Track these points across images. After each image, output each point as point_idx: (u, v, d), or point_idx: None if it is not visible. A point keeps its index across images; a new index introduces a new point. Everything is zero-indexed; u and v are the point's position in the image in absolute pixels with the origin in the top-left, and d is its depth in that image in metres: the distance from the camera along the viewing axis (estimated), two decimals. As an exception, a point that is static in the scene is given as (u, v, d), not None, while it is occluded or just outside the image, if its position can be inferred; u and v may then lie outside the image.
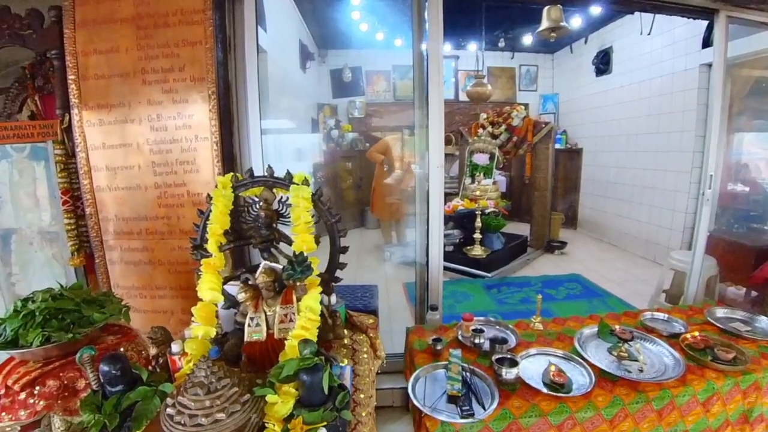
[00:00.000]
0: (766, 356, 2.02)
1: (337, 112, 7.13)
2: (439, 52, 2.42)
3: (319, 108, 6.95)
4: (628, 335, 1.97)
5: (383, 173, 5.22)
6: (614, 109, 5.89)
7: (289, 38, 5.31)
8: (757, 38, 3.73)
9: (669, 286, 3.49)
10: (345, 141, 6.72)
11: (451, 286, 4.13)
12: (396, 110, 7.22)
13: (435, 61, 2.42)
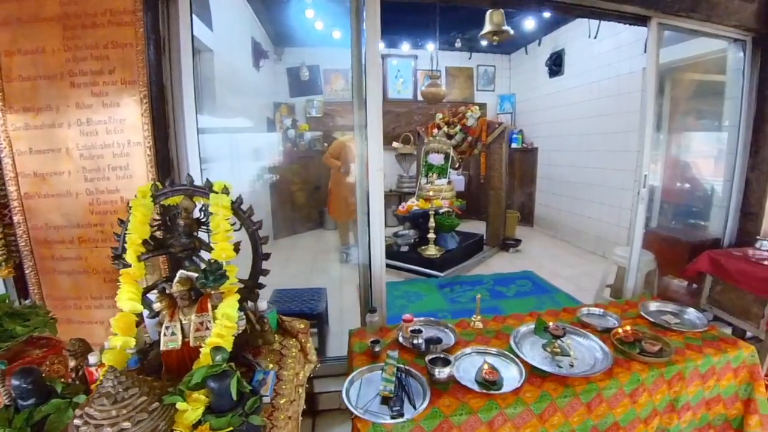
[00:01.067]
0: (690, 347, 2.11)
1: (294, 112, 7.04)
2: (376, 50, 2.41)
3: (276, 107, 6.85)
4: (560, 331, 2.02)
5: (339, 174, 5.19)
6: (566, 110, 6.08)
7: (240, 36, 5.21)
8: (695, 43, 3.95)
9: (613, 281, 3.62)
10: (303, 141, 6.64)
11: (405, 286, 4.15)
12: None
13: (373, 59, 2.41)
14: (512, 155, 7.05)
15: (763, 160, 3.24)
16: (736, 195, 3.41)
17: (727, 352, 2.09)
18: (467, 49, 7.37)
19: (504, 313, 3.52)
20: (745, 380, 2.17)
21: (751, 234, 3.27)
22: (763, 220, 3.26)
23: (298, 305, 3.00)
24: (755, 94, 3.30)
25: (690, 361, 1.99)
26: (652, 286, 3.43)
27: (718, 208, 3.56)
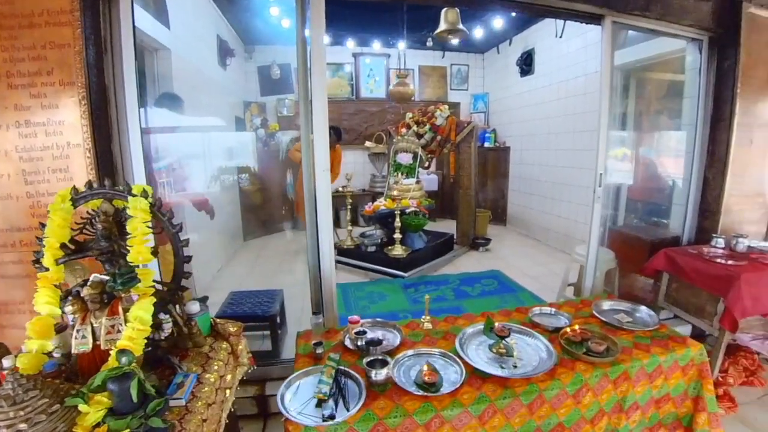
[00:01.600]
0: (639, 346, 2.10)
1: (265, 111, 6.94)
2: (321, 40, 2.34)
3: (246, 106, 6.74)
4: (505, 332, 1.99)
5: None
6: (537, 109, 6.12)
7: (203, 34, 5.10)
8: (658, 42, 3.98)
9: (576, 280, 3.63)
10: (273, 140, 6.54)
11: (369, 286, 4.11)
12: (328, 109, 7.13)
13: (318, 54, 2.34)
14: (485, 154, 7.07)
15: (719, 159, 3.28)
16: (694, 193, 3.45)
17: (674, 350, 2.09)
18: (440, 48, 7.36)
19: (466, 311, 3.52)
20: (694, 378, 2.17)
21: (709, 232, 3.31)
22: (720, 218, 3.30)
23: (251, 307, 2.93)
24: (712, 93, 3.34)
25: (636, 360, 1.98)
26: (613, 284, 3.45)
27: (678, 207, 3.59)
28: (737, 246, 2.90)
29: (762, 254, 2.85)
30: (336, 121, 7.13)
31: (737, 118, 3.15)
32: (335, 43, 6.80)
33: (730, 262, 2.62)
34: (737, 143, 3.20)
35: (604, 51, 2.88)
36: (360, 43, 6.87)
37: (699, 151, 3.41)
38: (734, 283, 2.45)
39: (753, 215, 3.52)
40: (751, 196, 3.45)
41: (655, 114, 4.65)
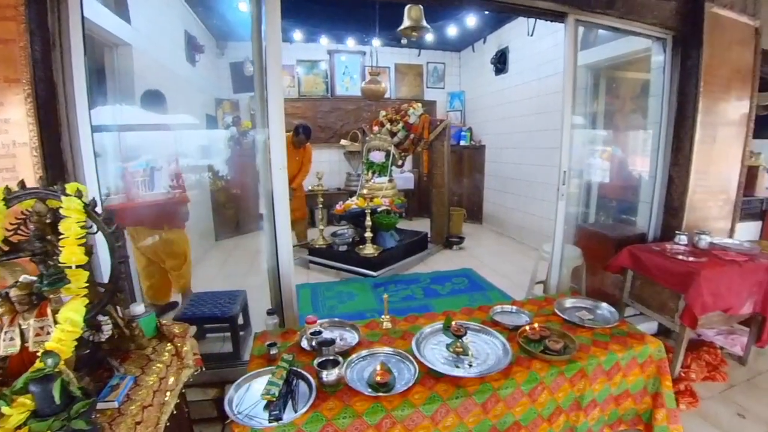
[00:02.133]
0: (597, 343, 2.11)
1: (238, 108, 6.83)
2: (277, 36, 2.30)
3: (218, 104, 6.62)
4: (461, 331, 1.97)
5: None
6: (512, 107, 6.15)
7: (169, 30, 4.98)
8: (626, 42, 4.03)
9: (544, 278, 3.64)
10: (246, 138, 6.43)
11: (339, 286, 4.06)
12: (301, 106, 7.06)
13: (273, 46, 2.29)
14: (461, 153, 7.09)
15: (684, 157, 3.33)
16: (659, 190, 3.50)
17: (633, 347, 2.10)
18: (416, 46, 7.36)
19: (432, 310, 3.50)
20: (653, 375, 2.19)
21: (674, 229, 3.35)
22: (685, 215, 3.36)
23: (210, 309, 2.86)
24: (676, 92, 3.39)
25: (593, 357, 1.98)
26: (581, 281, 3.47)
27: (645, 204, 3.64)
28: (699, 243, 2.94)
29: (723, 250, 2.89)
30: (311, 120, 7.07)
31: (700, 117, 3.20)
32: (309, 39, 6.73)
33: (690, 259, 2.66)
34: (701, 141, 3.26)
35: (567, 49, 2.89)
36: (334, 40, 6.81)
37: (664, 149, 3.46)
38: (694, 279, 2.49)
39: (717, 212, 3.59)
40: (715, 193, 3.51)
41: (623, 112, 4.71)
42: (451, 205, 6.87)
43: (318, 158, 7.25)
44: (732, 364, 3.00)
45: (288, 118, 6.82)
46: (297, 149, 5.02)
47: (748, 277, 2.69)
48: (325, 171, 7.27)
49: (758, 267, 2.72)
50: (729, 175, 3.57)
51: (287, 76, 7.00)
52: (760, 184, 5.25)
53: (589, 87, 4.87)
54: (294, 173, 5.03)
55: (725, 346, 3.19)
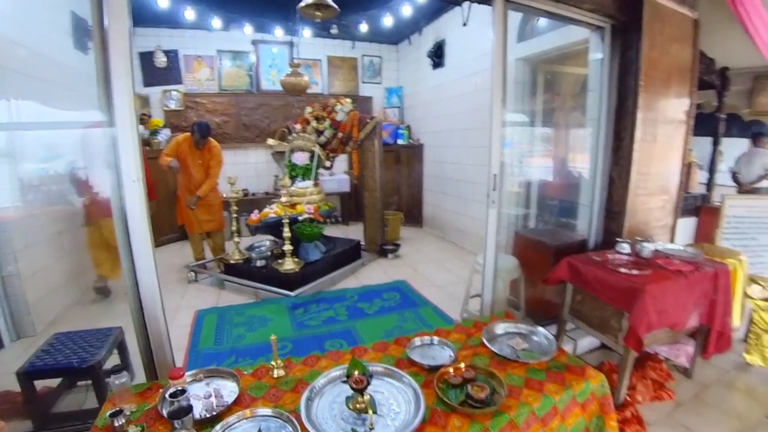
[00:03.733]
0: (531, 384, 1.76)
1: (149, 104, 6.10)
2: (124, 20, 1.75)
3: (124, 98, 5.86)
4: (362, 383, 1.55)
5: (184, 177, 4.44)
6: (449, 104, 5.85)
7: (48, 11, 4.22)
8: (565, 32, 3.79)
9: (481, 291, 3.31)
10: (157, 138, 5.73)
11: (251, 309, 3.54)
12: (222, 102, 6.41)
13: (119, 32, 1.75)
14: (399, 152, 6.73)
15: (624, 156, 3.10)
16: (599, 193, 3.26)
17: (572, 386, 1.77)
18: (350, 38, 6.91)
19: (357, 336, 3.10)
20: (596, 413, 1.88)
21: (615, 234, 3.13)
22: (626, 219, 3.13)
23: (67, 356, 2.27)
24: (616, 86, 3.16)
25: (525, 405, 1.63)
26: (519, 295, 3.17)
27: (585, 207, 3.39)
28: (642, 251, 2.69)
29: (667, 259, 2.66)
30: (234, 117, 6.46)
31: (641, 113, 3.00)
32: (231, 28, 6.10)
33: (634, 272, 2.39)
34: (642, 139, 3.05)
35: (496, 36, 2.55)
36: (259, 29, 6.22)
37: (603, 147, 3.23)
38: (638, 297, 2.20)
39: (660, 213, 3.41)
40: (657, 195, 3.32)
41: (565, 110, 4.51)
42: (390, 208, 6.53)
43: (243, 160, 6.66)
44: (678, 377, 2.82)
45: (208, 116, 6.28)
46: (199, 151, 4.42)
47: (694, 288, 2.46)
48: (252, 174, 6.73)
49: (704, 276, 2.50)
50: (670, 175, 3.40)
51: (206, 68, 6.34)
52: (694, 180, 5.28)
53: (527, 82, 4.62)
54: (200, 179, 4.44)
55: (670, 358, 3.00)
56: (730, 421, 2.38)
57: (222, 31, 6.21)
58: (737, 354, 2.99)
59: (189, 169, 4.42)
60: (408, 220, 6.79)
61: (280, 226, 3.84)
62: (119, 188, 1.85)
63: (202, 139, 4.35)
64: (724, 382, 2.78)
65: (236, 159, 6.63)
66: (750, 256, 3.85)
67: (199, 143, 4.37)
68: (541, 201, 4.39)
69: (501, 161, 2.56)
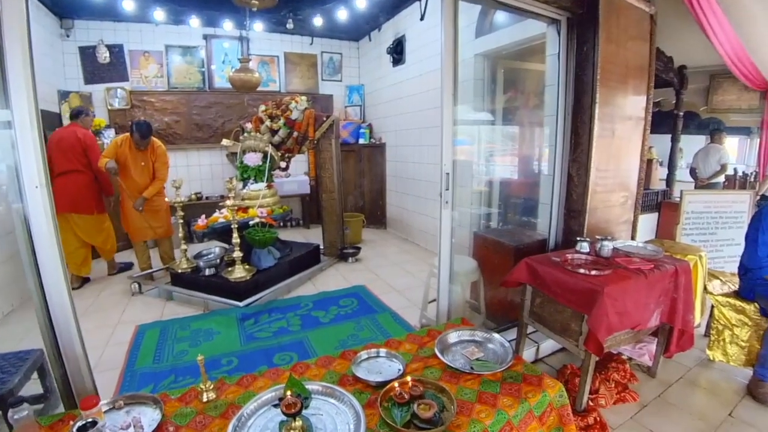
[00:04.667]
0: (484, 398, 1.65)
1: (91, 102, 5.74)
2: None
3: (63, 96, 5.49)
4: (294, 407, 1.39)
5: (126, 181, 4.16)
6: (410, 101, 5.75)
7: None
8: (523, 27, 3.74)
9: (438, 296, 3.20)
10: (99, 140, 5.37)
11: (198, 322, 3.32)
12: (172, 100, 6.11)
13: (13, 13, 1.53)
14: (360, 151, 6.59)
15: (582, 153, 3.06)
16: (559, 190, 3.21)
17: (527, 398, 1.67)
18: (308, 33, 6.72)
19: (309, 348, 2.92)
20: (554, 425, 1.80)
21: (575, 233, 3.09)
22: (586, 218, 3.09)
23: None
24: (573, 80, 3.11)
25: (476, 423, 1.52)
26: (479, 298, 3.07)
27: (545, 206, 3.34)
28: (602, 250, 2.64)
29: (627, 258, 2.61)
30: (185, 116, 6.17)
31: (599, 108, 2.96)
32: (178, 21, 5.81)
33: (593, 272, 2.32)
34: (600, 135, 3.01)
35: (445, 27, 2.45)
36: (209, 23, 5.95)
37: (562, 144, 3.17)
38: (597, 299, 2.13)
39: (620, 209, 3.40)
40: (616, 191, 3.30)
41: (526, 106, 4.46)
42: (353, 209, 6.38)
43: (196, 162, 6.39)
44: (642, 377, 2.79)
45: (157, 115, 5.98)
46: (141, 152, 4.16)
47: (654, 287, 2.41)
48: (207, 176, 6.45)
49: (664, 275, 2.46)
50: (630, 171, 3.39)
51: (154, 64, 6.02)
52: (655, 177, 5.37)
53: (487, 79, 4.57)
54: (144, 182, 4.18)
55: (633, 357, 2.97)
56: (693, 422, 2.34)
57: (170, 25, 5.92)
58: (700, 350, 3.00)
59: (131, 172, 4.14)
60: (371, 222, 6.67)
61: (230, 232, 3.63)
62: (20, 195, 1.63)
63: (142, 140, 4.09)
64: (687, 380, 2.76)
65: (189, 161, 6.34)
66: (709, 251, 3.90)
67: (140, 144, 4.11)
68: (504, 200, 4.34)
69: (453, 159, 2.44)
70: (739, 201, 4.18)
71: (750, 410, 2.45)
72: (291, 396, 1.45)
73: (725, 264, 4.04)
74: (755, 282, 2.76)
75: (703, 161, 6.07)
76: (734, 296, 2.89)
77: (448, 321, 2.45)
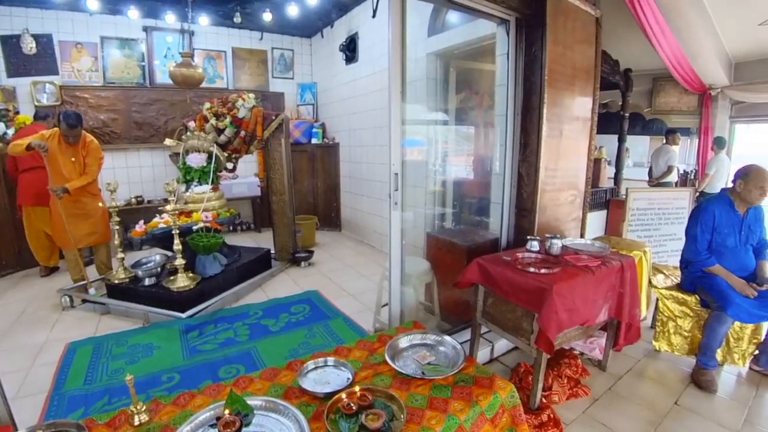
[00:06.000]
0: (435, 404, 1.64)
1: (14, 97, 5.34)
2: None
3: (-20, 91, 5.09)
4: (233, 425, 1.33)
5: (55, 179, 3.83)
6: (363, 100, 5.73)
7: None
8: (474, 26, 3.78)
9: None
10: (24, 138, 5.01)
11: (135, 337, 3.13)
12: (109, 97, 5.78)
13: None
14: (314, 152, 6.51)
15: (532, 152, 3.12)
16: (509, 190, 3.27)
17: (479, 401, 1.68)
18: (257, 28, 6.55)
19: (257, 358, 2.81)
20: (507, 426, 1.82)
21: (527, 231, 3.15)
22: (536, 216, 3.16)
23: None
24: (522, 81, 3.18)
25: (427, 430, 1.50)
26: (433, 300, 3.08)
27: (497, 205, 3.39)
28: (551, 248, 2.71)
29: (576, 255, 2.69)
30: (124, 113, 5.85)
31: (547, 108, 3.04)
32: (115, 11, 5.50)
33: (543, 271, 2.36)
34: (548, 135, 3.09)
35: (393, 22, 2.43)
36: (149, 14, 5.68)
37: (512, 143, 3.24)
38: (546, 298, 2.17)
39: (569, 209, 3.50)
40: (565, 190, 3.40)
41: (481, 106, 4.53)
42: (305, 212, 6.28)
43: (136, 163, 6.09)
44: (593, 371, 2.89)
45: (92, 112, 5.64)
46: (71, 147, 3.89)
47: (602, 283, 2.50)
48: (148, 178, 6.16)
49: (611, 270, 2.56)
50: (578, 170, 3.51)
51: (87, 57, 5.67)
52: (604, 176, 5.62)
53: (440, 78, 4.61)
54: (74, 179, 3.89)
55: (585, 352, 3.07)
56: (643, 412, 2.46)
57: (106, 15, 5.60)
58: (646, 342, 3.15)
59: (60, 168, 3.82)
60: (324, 224, 6.59)
61: (171, 238, 3.46)
62: None
63: (70, 130, 3.78)
64: (636, 372, 2.90)
65: (128, 162, 6.02)
66: (653, 246, 4.11)
67: (69, 136, 3.81)
68: (459, 200, 4.38)
69: (403, 159, 2.43)
70: (680, 198, 4.44)
71: (694, 398, 2.60)
72: (229, 414, 1.38)
73: (668, 258, 4.28)
74: (696, 275, 2.93)
75: (655, 161, 6.43)
76: (677, 289, 3.06)
77: (401, 325, 2.43)
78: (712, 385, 2.68)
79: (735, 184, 2.84)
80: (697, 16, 4.65)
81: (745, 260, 2.86)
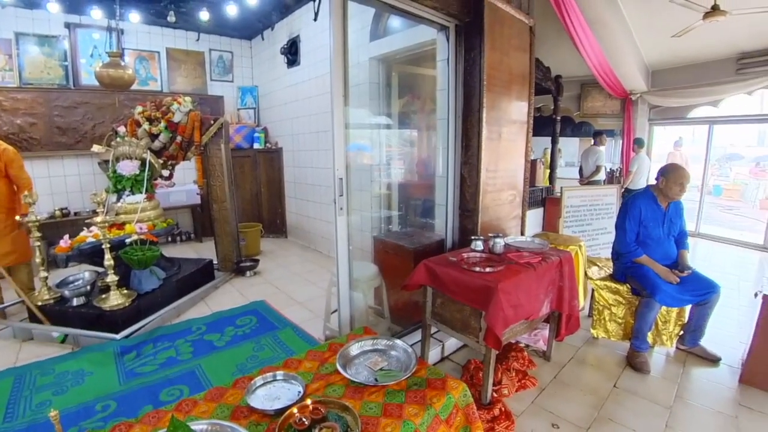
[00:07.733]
0: (389, 410, 1.62)
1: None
2: None
3: None
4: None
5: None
6: (305, 104, 5.64)
7: None
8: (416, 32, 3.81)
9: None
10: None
11: (63, 364, 2.82)
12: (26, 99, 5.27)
13: None
14: (256, 157, 6.32)
15: (473, 154, 3.19)
16: (452, 191, 3.33)
17: (433, 403, 1.67)
18: (194, 29, 6.26)
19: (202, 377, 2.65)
20: (462, 425, 1.83)
21: (471, 232, 3.21)
22: (479, 217, 3.22)
23: None
24: (462, 85, 3.24)
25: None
26: (383, 304, 3.06)
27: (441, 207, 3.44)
28: (495, 247, 2.78)
29: (518, 252, 2.78)
30: (44, 117, 5.37)
31: (486, 112, 3.12)
32: (29, 4, 5.02)
33: (487, 270, 2.41)
34: (488, 138, 3.17)
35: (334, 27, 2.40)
36: (72, 9, 5.24)
37: (454, 146, 3.30)
38: (492, 295, 2.21)
39: (510, 209, 3.61)
40: (505, 190, 3.50)
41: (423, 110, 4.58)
42: (249, 219, 6.09)
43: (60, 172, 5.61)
44: (539, 362, 3.01)
45: (5, 116, 5.13)
46: None
47: (543, 278, 2.61)
48: (74, 189, 5.70)
49: (551, 266, 2.67)
50: (516, 171, 3.62)
51: (0, 55, 5.15)
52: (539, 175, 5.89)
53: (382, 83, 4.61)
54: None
55: (530, 344, 3.17)
56: (585, 397, 2.58)
57: (22, 9, 5.11)
58: (585, 330, 3.31)
59: None
60: (270, 231, 6.42)
61: (101, 253, 3.20)
62: None
63: None
64: (577, 359, 3.05)
65: (51, 171, 5.51)
66: (587, 239, 4.34)
67: None
68: (405, 202, 4.41)
69: (346, 163, 2.40)
70: (609, 194, 4.73)
71: (630, 379, 2.78)
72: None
73: (600, 250, 4.53)
74: (626, 265, 3.12)
75: (585, 161, 6.83)
76: (610, 279, 3.25)
77: (351, 331, 2.38)
78: (645, 366, 2.88)
79: (658, 181, 3.06)
80: (619, 26, 4.98)
81: (668, 250, 3.09)
